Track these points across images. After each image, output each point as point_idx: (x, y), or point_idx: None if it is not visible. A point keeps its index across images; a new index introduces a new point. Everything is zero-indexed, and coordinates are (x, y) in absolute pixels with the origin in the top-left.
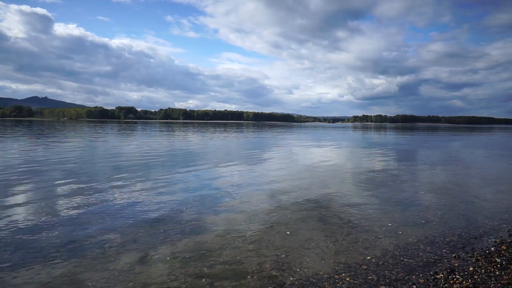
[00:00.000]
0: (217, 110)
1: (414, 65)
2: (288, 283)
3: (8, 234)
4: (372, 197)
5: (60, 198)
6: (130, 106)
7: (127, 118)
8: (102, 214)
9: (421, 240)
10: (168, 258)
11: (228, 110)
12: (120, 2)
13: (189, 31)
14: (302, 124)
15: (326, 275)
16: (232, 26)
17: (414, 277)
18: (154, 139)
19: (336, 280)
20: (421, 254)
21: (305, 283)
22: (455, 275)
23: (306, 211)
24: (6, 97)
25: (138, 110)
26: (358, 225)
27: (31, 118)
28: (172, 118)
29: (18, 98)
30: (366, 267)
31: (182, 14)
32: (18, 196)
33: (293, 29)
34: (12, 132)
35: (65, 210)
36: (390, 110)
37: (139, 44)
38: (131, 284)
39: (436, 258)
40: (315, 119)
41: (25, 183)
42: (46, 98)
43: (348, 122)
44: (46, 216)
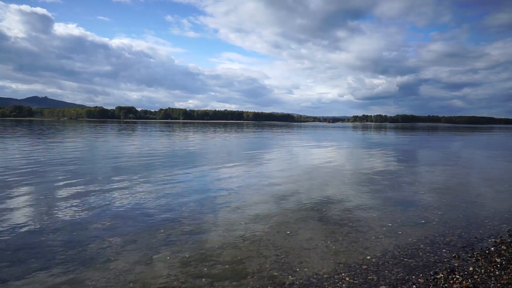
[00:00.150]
0: (217, 110)
1: (414, 65)
2: (288, 283)
3: (8, 234)
4: (372, 197)
5: (60, 198)
6: (130, 106)
7: (127, 118)
8: (102, 214)
9: (421, 240)
10: (168, 258)
11: (228, 110)
12: (120, 2)
13: (189, 31)
14: (302, 124)
15: (326, 275)
16: (232, 26)
17: (414, 277)
18: (154, 139)
19: (336, 280)
20: (421, 254)
21: (305, 283)
22: (455, 275)
23: (306, 211)
24: (6, 97)
25: (138, 110)
26: (358, 225)
27: (31, 118)
28: (172, 118)
29: (18, 98)
30: (366, 267)
31: (182, 14)
32: (18, 196)
33: (293, 29)
34: (13, 132)
35: (65, 210)
36: (390, 110)
37: (139, 44)
38: (131, 284)
39: (436, 258)
40: (315, 119)
41: (25, 183)
42: (46, 98)
43: (348, 122)
44: (47, 216)
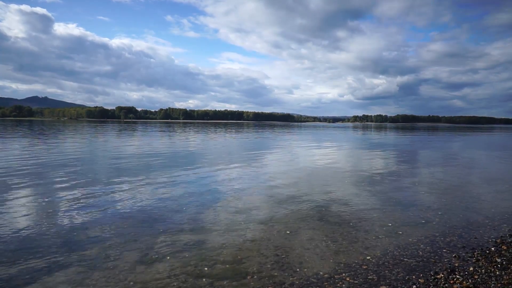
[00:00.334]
0: (217, 110)
1: (414, 65)
2: (288, 283)
3: (8, 233)
4: (372, 197)
5: (60, 198)
6: (130, 106)
7: (127, 118)
8: (102, 214)
9: (421, 240)
10: (168, 257)
11: (228, 110)
12: (120, 2)
13: (189, 31)
14: (302, 124)
15: (326, 275)
16: (232, 26)
17: (414, 277)
18: (155, 139)
19: (336, 280)
20: (421, 254)
21: (305, 283)
22: (456, 275)
23: (306, 211)
24: (6, 97)
25: (138, 110)
26: (358, 224)
27: (31, 118)
28: (172, 118)
29: (18, 98)
30: (366, 267)
31: (182, 14)
32: (19, 195)
33: (293, 29)
34: (14, 132)
35: (65, 210)
36: (390, 110)
37: (139, 44)
38: (131, 283)
39: (436, 258)
40: (315, 119)
41: (26, 183)
42: (46, 98)
43: (348, 122)
44: (47, 215)
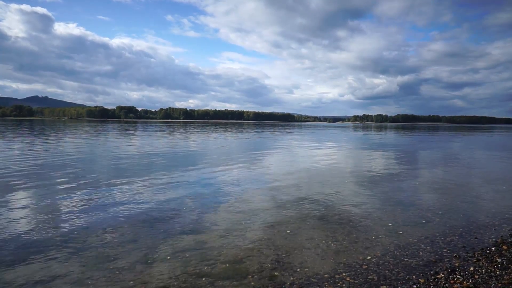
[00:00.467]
0: (217, 109)
1: (414, 64)
2: (288, 283)
3: (8, 233)
4: (372, 196)
5: (61, 197)
6: (131, 105)
7: (128, 117)
8: (102, 214)
9: (421, 240)
10: (168, 257)
11: (228, 109)
12: (120, 1)
13: (189, 31)
14: (303, 123)
15: (326, 275)
16: (232, 26)
17: (414, 277)
18: (155, 139)
19: (336, 280)
20: (421, 254)
21: (305, 283)
22: (456, 275)
23: (306, 211)
24: (6, 96)
25: (139, 109)
26: (359, 224)
27: (32, 118)
28: (172, 118)
29: (19, 98)
30: (366, 267)
31: (183, 14)
32: (19, 195)
33: (293, 28)
34: (15, 132)
35: (66, 209)
36: (391, 110)
37: (139, 43)
38: (132, 283)
39: (436, 257)
40: (316, 119)
41: (26, 183)
42: (46, 98)
43: (348, 121)
44: (47, 215)
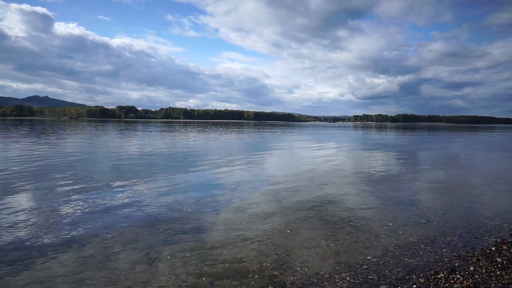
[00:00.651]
0: (217, 109)
1: (414, 64)
2: (288, 283)
3: (8, 233)
4: (372, 196)
5: (61, 197)
6: (131, 105)
7: (128, 117)
8: (103, 214)
9: (421, 239)
10: (168, 257)
11: (228, 109)
12: (120, 1)
13: (189, 30)
14: (303, 123)
15: (326, 275)
16: (232, 25)
17: (414, 276)
18: (156, 139)
19: (336, 279)
20: (421, 253)
21: (305, 283)
22: (456, 275)
23: (306, 210)
24: (6, 96)
25: (139, 109)
26: (359, 224)
27: (32, 118)
28: (172, 118)
29: (19, 97)
30: (366, 267)
31: (183, 13)
32: (19, 195)
33: (293, 28)
34: (15, 131)
35: (66, 209)
36: (391, 110)
37: (140, 43)
38: (132, 283)
39: (436, 257)
40: (316, 119)
41: (27, 183)
42: (46, 97)
43: (348, 121)
44: (47, 215)
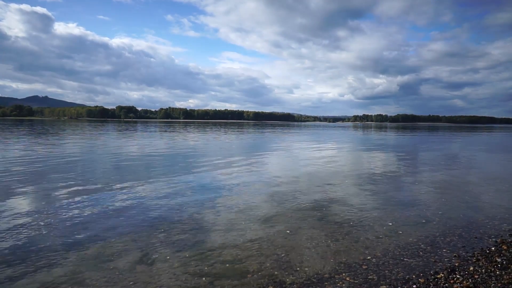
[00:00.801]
0: (217, 109)
1: (414, 64)
2: (288, 282)
3: (9, 233)
4: (372, 196)
5: (61, 197)
6: (131, 105)
7: (128, 117)
8: (102, 214)
9: (421, 239)
10: (168, 257)
11: (228, 109)
12: (120, 1)
13: (189, 30)
14: (303, 123)
15: (326, 275)
16: (232, 25)
17: (414, 276)
18: (156, 139)
19: (336, 279)
20: (421, 253)
21: (305, 283)
22: (456, 275)
23: (306, 210)
24: (6, 96)
25: (139, 109)
26: (359, 224)
27: (32, 118)
28: (172, 118)
29: (19, 98)
30: (366, 267)
31: (182, 13)
32: (19, 195)
33: (293, 28)
34: (15, 131)
35: (66, 210)
36: (391, 110)
37: (139, 43)
38: (132, 283)
39: (436, 257)
40: (316, 119)
41: (27, 183)
42: (46, 97)
43: (348, 121)
44: (47, 215)
